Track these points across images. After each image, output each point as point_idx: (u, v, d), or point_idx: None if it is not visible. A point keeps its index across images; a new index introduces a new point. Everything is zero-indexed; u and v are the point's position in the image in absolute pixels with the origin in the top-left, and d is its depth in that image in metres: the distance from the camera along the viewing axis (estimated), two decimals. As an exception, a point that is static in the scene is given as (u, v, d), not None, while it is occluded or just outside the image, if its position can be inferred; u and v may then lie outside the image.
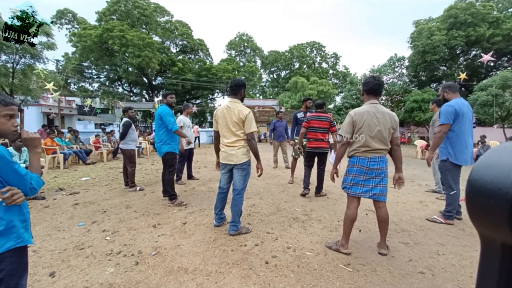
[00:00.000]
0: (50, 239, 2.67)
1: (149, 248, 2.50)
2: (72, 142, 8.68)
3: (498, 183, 0.33)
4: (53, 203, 3.93)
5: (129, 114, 4.93)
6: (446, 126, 3.03)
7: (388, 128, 2.32)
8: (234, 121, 2.68)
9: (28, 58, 10.92)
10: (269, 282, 1.97)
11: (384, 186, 2.37)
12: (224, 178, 2.91)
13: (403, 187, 5.02)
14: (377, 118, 2.31)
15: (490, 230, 0.36)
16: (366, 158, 2.34)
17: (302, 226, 3.10)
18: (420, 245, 2.63)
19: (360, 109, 2.40)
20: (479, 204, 0.36)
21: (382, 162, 2.34)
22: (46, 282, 1.95)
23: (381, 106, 2.38)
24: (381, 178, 2.35)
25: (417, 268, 2.19)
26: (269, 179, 5.80)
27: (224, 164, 2.83)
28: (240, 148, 2.71)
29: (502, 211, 0.32)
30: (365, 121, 2.31)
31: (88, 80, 24.64)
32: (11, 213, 1.16)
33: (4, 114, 1.15)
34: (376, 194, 2.36)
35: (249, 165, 2.82)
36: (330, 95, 21.55)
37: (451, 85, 3.29)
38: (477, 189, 0.36)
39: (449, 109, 3.02)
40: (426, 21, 22.53)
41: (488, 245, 0.37)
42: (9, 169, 1.09)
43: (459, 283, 1.98)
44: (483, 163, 0.37)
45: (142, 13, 22.24)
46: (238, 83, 2.81)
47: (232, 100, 2.78)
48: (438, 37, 19.08)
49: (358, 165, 2.37)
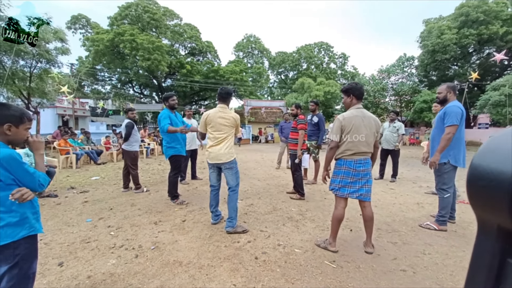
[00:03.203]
0: (60, 233, 2.91)
1: (149, 243, 2.69)
2: (84, 143, 9.09)
3: (500, 166, 0.34)
4: (64, 200, 4.21)
5: (129, 116, 4.89)
6: (455, 127, 2.91)
7: (374, 132, 2.44)
8: (229, 125, 2.98)
9: (44, 63, 11.48)
10: (256, 276, 2.12)
11: (369, 186, 2.47)
12: (214, 176, 3.13)
13: (396, 189, 5.08)
14: (364, 122, 2.42)
15: (489, 212, 0.37)
16: (352, 160, 2.45)
17: (295, 225, 3.22)
18: (408, 245, 2.71)
19: (348, 114, 2.50)
20: (480, 187, 0.37)
21: (367, 164, 2.45)
22: (55, 271, 2.17)
23: (366, 111, 2.50)
24: (367, 179, 2.46)
25: (400, 266, 2.28)
26: (270, 180, 5.93)
27: (212, 164, 3.05)
28: (228, 148, 2.97)
29: (503, 193, 0.33)
30: (353, 125, 2.42)
31: (100, 82, 25.50)
32: (24, 206, 1.36)
33: (26, 128, 1.38)
34: (362, 194, 2.46)
35: (236, 163, 3.08)
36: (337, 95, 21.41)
37: (455, 87, 3.22)
38: (479, 172, 0.37)
39: (458, 111, 2.92)
40: (436, 20, 22.09)
41: (484, 228, 0.38)
42: (20, 169, 1.29)
43: (438, 281, 2.06)
44: (486, 148, 0.38)
45: (152, 17, 22.85)
46: (228, 92, 3.09)
47: (223, 106, 3.05)
48: (449, 36, 18.69)
49: (345, 167, 2.48)
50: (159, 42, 21.13)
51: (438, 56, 19.64)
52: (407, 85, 22.71)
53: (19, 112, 1.38)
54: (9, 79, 10.14)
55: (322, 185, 5.46)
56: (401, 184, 5.63)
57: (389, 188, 5.26)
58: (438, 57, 19.67)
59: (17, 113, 1.36)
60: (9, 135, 1.34)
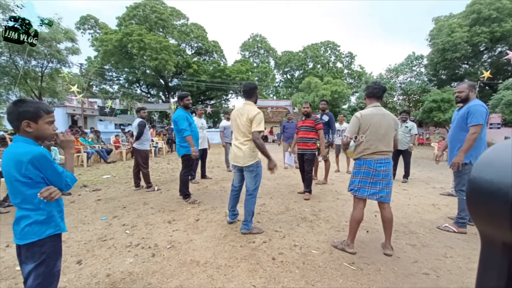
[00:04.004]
0: (77, 231, 2.94)
1: (164, 241, 2.69)
2: (94, 142, 9.21)
3: (498, 182, 0.33)
4: (78, 198, 4.26)
5: (142, 114, 4.92)
6: (480, 127, 2.80)
7: (392, 130, 2.39)
8: (244, 122, 2.79)
9: (55, 63, 11.67)
10: (275, 277, 2.09)
11: (390, 188, 2.41)
12: (236, 177, 3.04)
13: (409, 190, 4.99)
14: (382, 120, 2.37)
15: (491, 229, 0.35)
16: (372, 160, 2.39)
17: (310, 225, 3.18)
18: (427, 247, 2.64)
19: (367, 112, 2.46)
20: (480, 203, 0.35)
21: (388, 164, 2.39)
22: (74, 269, 2.18)
23: (384, 109, 2.44)
24: (388, 180, 2.39)
25: (422, 269, 2.22)
26: (280, 180, 5.89)
27: (232, 164, 2.98)
28: (247, 150, 2.79)
29: (503, 210, 0.31)
30: (371, 123, 2.37)
31: (108, 82, 25.81)
32: (50, 205, 1.36)
33: (47, 121, 1.35)
34: (383, 196, 2.40)
35: (258, 167, 2.89)
36: (344, 95, 21.21)
37: (475, 86, 3.14)
38: (477, 188, 0.35)
39: (482, 109, 2.81)
40: (447, 18, 21.65)
41: (488, 244, 0.36)
42: (50, 168, 1.29)
43: (464, 285, 2.00)
44: (483, 162, 0.37)
45: (159, 17, 23.00)
46: (250, 86, 2.90)
47: (246, 102, 2.89)
48: (460, 34, 18.28)
49: (365, 167, 2.42)
50: (166, 42, 21.25)
51: (448, 55, 19.24)
52: (416, 84, 22.33)
53: (33, 107, 1.31)
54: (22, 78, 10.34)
55: (333, 185, 5.40)
56: (414, 185, 5.52)
57: (402, 188, 5.16)
58: (448, 55, 19.27)
59: (32, 108, 1.30)
60: (31, 131, 1.30)
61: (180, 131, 3.92)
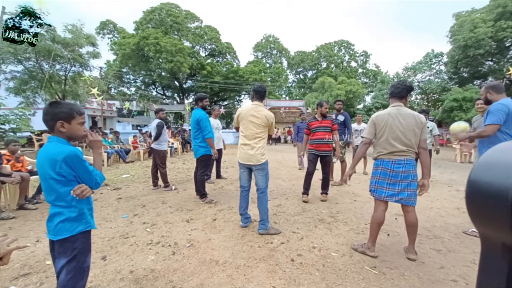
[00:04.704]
0: (100, 228, 3.04)
1: (183, 240, 2.74)
2: (114, 142, 9.53)
3: (498, 183, 0.33)
4: (100, 197, 4.42)
5: (160, 115, 5.02)
6: (494, 127, 2.60)
7: (413, 129, 2.28)
8: (261, 124, 2.83)
9: (77, 67, 12.21)
10: (295, 278, 2.07)
11: (413, 190, 2.32)
12: (244, 176, 3.03)
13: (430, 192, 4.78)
14: (400, 120, 2.29)
15: (491, 230, 0.35)
16: (390, 160, 2.32)
17: (328, 227, 3.13)
18: (454, 253, 2.53)
19: (381, 112, 2.44)
20: (479, 205, 0.35)
21: (408, 165, 2.30)
22: (99, 264, 2.27)
23: (406, 108, 2.36)
24: (408, 182, 2.31)
25: (449, 276, 2.12)
26: (295, 180, 5.85)
27: (242, 164, 2.97)
28: (259, 149, 2.84)
29: (502, 212, 0.31)
30: (386, 123, 2.32)
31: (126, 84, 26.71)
32: (81, 202, 1.41)
33: (79, 122, 1.41)
34: (403, 198, 2.32)
35: (267, 165, 2.97)
36: (359, 95, 20.78)
37: (496, 85, 2.92)
38: (477, 190, 0.36)
39: (503, 108, 2.60)
40: (469, 13, 20.68)
41: (488, 246, 0.36)
42: (82, 167, 1.34)
43: (496, 294, 1.89)
44: (483, 163, 0.37)
45: (174, 20, 23.56)
46: (264, 89, 2.98)
47: (257, 103, 2.93)
48: (483, 30, 17.43)
49: (381, 167, 2.37)
50: (181, 44, 21.73)
51: (470, 51, 18.39)
52: (435, 83, 21.53)
53: (68, 108, 1.38)
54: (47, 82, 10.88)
55: (350, 186, 5.29)
56: (436, 187, 5.30)
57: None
58: (470, 52, 18.42)
59: (66, 109, 1.37)
60: (64, 131, 1.37)
61: (200, 130, 3.98)
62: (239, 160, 2.99)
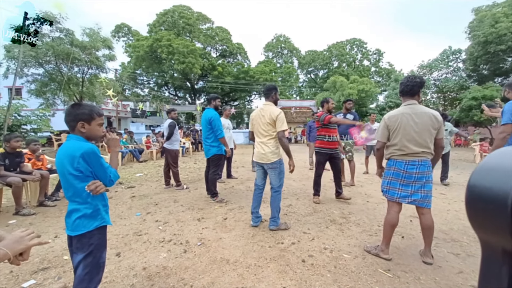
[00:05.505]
0: (115, 225, 3.13)
1: (195, 238, 2.77)
2: (128, 142, 9.79)
3: (497, 188, 0.33)
4: (114, 195, 4.55)
5: (172, 116, 5.13)
6: (507, 127, 2.52)
7: (428, 129, 2.18)
8: (266, 122, 2.86)
9: (94, 69, 12.63)
10: (306, 280, 2.04)
11: (427, 192, 2.24)
12: (259, 175, 3.09)
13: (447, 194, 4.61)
14: (414, 120, 2.20)
15: (491, 235, 0.35)
16: (403, 161, 2.25)
17: (340, 228, 3.08)
18: (473, 258, 2.42)
19: (393, 112, 2.35)
20: (479, 210, 0.36)
21: (422, 166, 2.21)
22: (114, 261, 2.33)
23: (420, 106, 2.26)
24: (422, 184, 2.23)
25: (468, 281, 2.03)
26: (306, 181, 5.79)
27: (256, 162, 3.03)
28: (271, 147, 2.86)
29: (502, 217, 0.31)
30: (399, 124, 2.24)
31: (140, 86, 27.37)
32: (97, 199, 1.46)
33: (99, 123, 1.47)
34: (416, 200, 2.25)
35: (281, 164, 2.96)
36: (371, 94, 20.32)
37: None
38: (476, 195, 0.36)
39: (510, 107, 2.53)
40: (489, 8, 19.78)
41: (488, 250, 0.36)
42: (97, 163, 1.39)
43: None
44: (482, 168, 0.36)
45: (186, 22, 23.95)
46: (268, 87, 3.03)
47: (266, 103, 2.98)
48: (505, 24, 16.62)
49: (394, 168, 2.30)
50: (193, 45, 22.03)
51: (491, 48, 17.59)
52: (453, 80, 20.75)
53: (88, 109, 1.45)
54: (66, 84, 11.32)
55: (362, 187, 5.19)
56: (453, 189, 5.11)
57: (439, 193, 4.80)
58: (491, 48, 17.61)
59: (86, 110, 1.44)
60: (84, 132, 1.44)
61: (212, 130, 4.03)
62: (254, 158, 3.08)
